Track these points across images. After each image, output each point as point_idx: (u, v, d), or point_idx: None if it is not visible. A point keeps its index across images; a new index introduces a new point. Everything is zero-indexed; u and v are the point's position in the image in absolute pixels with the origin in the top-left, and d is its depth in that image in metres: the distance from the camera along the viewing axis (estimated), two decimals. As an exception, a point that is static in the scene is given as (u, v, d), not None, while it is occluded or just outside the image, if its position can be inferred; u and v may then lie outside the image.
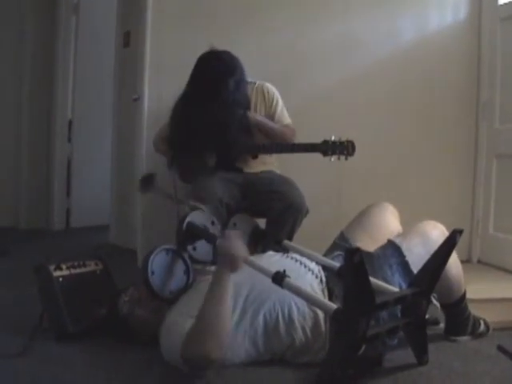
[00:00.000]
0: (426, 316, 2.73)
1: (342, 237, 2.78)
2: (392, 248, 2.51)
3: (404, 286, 2.40)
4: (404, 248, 2.48)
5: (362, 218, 2.83)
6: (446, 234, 2.49)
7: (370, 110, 4.17)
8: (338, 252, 2.65)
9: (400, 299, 2.18)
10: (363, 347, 2.00)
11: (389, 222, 2.79)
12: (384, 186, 4.03)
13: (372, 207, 2.86)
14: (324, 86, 4.14)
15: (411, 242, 2.51)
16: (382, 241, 2.62)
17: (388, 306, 2.13)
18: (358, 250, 1.87)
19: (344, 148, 3.04)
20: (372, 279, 2.07)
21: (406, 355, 2.38)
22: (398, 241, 2.53)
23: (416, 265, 2.40)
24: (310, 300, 2.17)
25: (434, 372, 2.31)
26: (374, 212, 2.83)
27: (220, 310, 2.13)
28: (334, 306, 2.02)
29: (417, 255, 2.45)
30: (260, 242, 2.91)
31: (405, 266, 2.44)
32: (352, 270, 1.89)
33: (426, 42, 4.28)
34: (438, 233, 2.54)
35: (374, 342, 2.13)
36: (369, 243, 2.62)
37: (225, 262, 2.25)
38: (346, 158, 3.06)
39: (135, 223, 4.13)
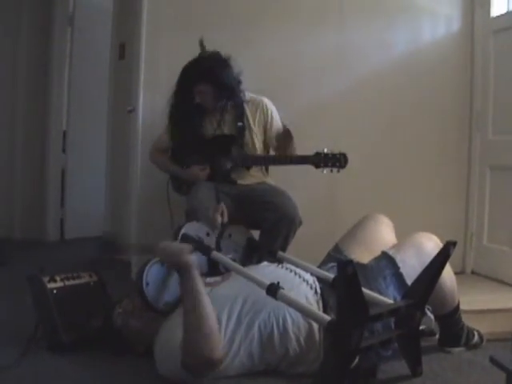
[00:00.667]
0: (422, 327, 2.75)
1: (337, 249, 2.79)
2: (386, 259, 2.52)
3: (398, 297, 2.40)
4: (398, 259, 2.49)
5: (356, 230, 2.84)
6: (440, 245, 2.51)
7: (364, 122, 4.17)
8: (333, 264, 2.65)
9: (394, 311, 2.18)
10: (357, 359, 2.01)
11: (384, 234, 2.80)
12: (378, 197, 4.03)
13: (367, 219, 2.87)
14: (319, 98, 4.15)
15: (405, 254, 2.52)
16: (377, 253, 2.64)
17: (382, 317, 2.15)
18: (350, 261, 1.88)
19: (336, 160, 3.05)
20: (366, 291, 2.08)
21: (400, 366, 2.39)
22: (391, 252, 2.54)
23: (410, 276, 2.41)
24: (304, 312, 2.18)
25: (428, 383, 2.31)
26: (368, 224, 2.84)
27: (201, 312, 2.15)
28: (327, 317, 2.02)
29: (411, 267, 2.46)
30: (255, 254, 2.91)
31: (399, 277, 2.46)
32: (345, 282, 1.90)
33: (419, 54, 4.29)
34: (432, 244, 2.55)
35: (367, 353, 2.13)
36: (364, 255, 2.63)
37: (173, 266, 2.29)
38: (338, 171, 3.07)
39: (129, 234, 4.12)
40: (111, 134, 5.10)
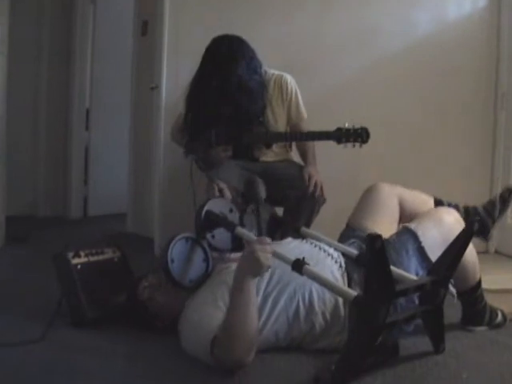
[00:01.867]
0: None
1: (349, 228, 2.79)
2: (407, 234, 2.50)
3: (420, 271, 2.40)
4: (420, 234, 2.47)
5: (363, 205, 2.82)
6: (460, 219, 2.54)
7: (388, 99, 4.14)
8: (353, 240, 2.65)
9: (419, 287, 2.17)
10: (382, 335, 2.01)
11: (388, 203, 2.78)
12: (401, 173, 4.01)
13: (370, 192, 2.84)
14: (341, 75, 4.12)
15: (426, 228, 2.50)
16: (388, 223, 2.68)
17: (407, 293, 2.14)
18: (379, 236, 1.86)
19: (358, 135, 3.02)
20: (390, 266, 2.06)
21: (422, 343, 2.37)
22: (413, 227, 2.52)
23: (432, 250, 2.40)
24: (331, 287, 2.16)
25: (451, 361, 2.30)
26: (373, 197, 2.81)
27: (247, 317, 2.10)
28: (354, 292, 2.01)
29: (432, 240, 2.45)
30: (278, 229, 2.90)
31: (421, 251, 2.44)
32: (373, 257, 1.88)
33: (443, 31, 4.24)
34: (452, 219, 2.54)
35: (391, 329, 2.13)
36: (375, 228, 2.62)
37: (250, 267, 2.17)
38: (361, 146, 3.04)
39: (152, 211, 4.13)
40: (134, 112, 5.10)
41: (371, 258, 1.90)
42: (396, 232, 2.59)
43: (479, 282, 2.59)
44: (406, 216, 2.76)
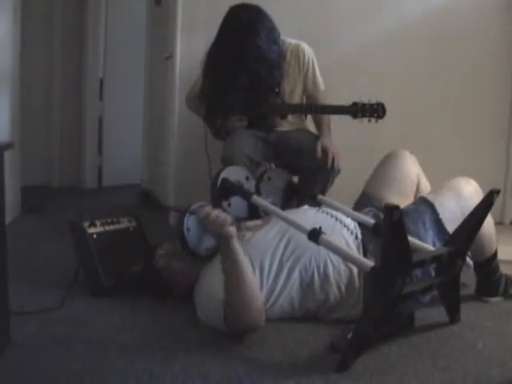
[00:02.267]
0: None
1: (366, 195, 2.79)
2: (425, 205, 2.50)
3: (438, 243, 2.39)
4: (437, 205, 2.46)
5: (381, 172, 2.82)
6: (479, 190, 2.51)
7: (404, 69, 4.10)
8: (369, 208, 2.64)
9: (436, 258, 2.16)
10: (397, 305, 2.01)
11: (410, 174, 2.78)
12: (417, 145, 3.95)
13: (389, 158, 2.83)
14: (357, 45, 4.08)
15: (444, 199, 2.49)
16: (406, 194, 2.67)
17: (424, 264, 2.14)
18: (397, 207, 1.85)
19: (374, 110, 3.01)
20: (408, 237, 2.05)
21: (438, 314, 2.39)
22: (430, 197, 2.51)
23: (449, 221, 2.40)
24: (347, 257, 2.17)
25: (466, 331, 2.32)
26: (392, 165, 2.80)
27: (240, 281, 2.11)
28: (370, 263, 2.01)
29: (450, 212, 2.44)
30: (294, 197, 2.90)
31: (438, 223, 2.44)
32: (391, 228, 1.88)
33: (460, 2, 4.19)
34: (471, 189, 2.52)
35: (408, 299, 2.13)
36: (393, 197, 2.61)
37: (218, 236, 2.22)
38: (377, 121, 3.03)
39: (167, 182, 4.13)
40: (148, 82, 5.08)
41: (388, 229, 1.89)
42: (413, 202, 2.58)
43: (495, 254, 2.58)
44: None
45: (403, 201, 2.60)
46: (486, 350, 2.16)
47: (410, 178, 2.74)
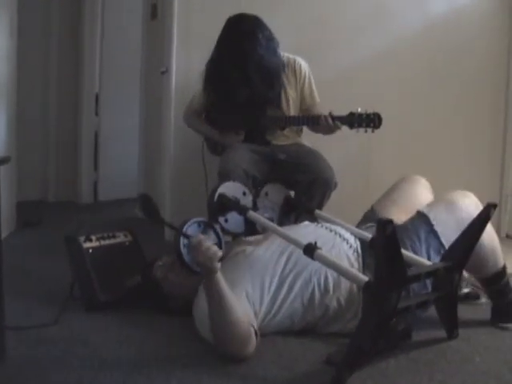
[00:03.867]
0: (467, 290, 2.71)
1: (373, 211, 2.78)
2: (420, 218, 2.49)
3: (433, 255, 2.38)
4: (432, 217, 2.45)
5: (393, 192, 2.82)
6: (477, 202, 2.48)
7: (400, 83, 4.12)
8: (370, 224, 2.63)
9: (432, 272, 2.16)
10: (393, 320, 2.01)
11: (420, 196, 2.76)
12: (413, 159, 4.00)
13: (403, 181, 2.84)
14: (356, 56, 4.11)
15: (439, 211, 2.47)
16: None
17: (420, 279, 2.12)
18: (390, 221, 1.85)
19: (370, 120, 3.02)
20: (402, 251, 2.05)
21: (435, 328, 2.38)
22: (425, 210, 2.50)
23: (445, 234, 2.39)
24: (341, 272, 2.16)
25: (463, 345, 2.31)
26: (405, 186, 2.81)
27: (222, 314, 2.09)
28: (365, 278, 2.00)
29: (445, 224, 2.42)
30: (292, 212, 2.90)
31: (434, 235, 2.42)
32: (384, 242, 1.87)
33: (457, 13, 4.22)
34: (467, 201, 2.49)
35: (404, 314, 2.12)
36: (401, 217, 2.59)
37: (202, 270, 2.16)
38: (373, 131, 3.04)
39: (164, 195, 4.14)
40: (144, 96, 5.10)
41: (382, 243, 1.89)
42: (410, 217, 2.58)
43: (504, 269, 2.49)
44: None
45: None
46: (483, 363, 2.15)
47: (421, 202, 2.69)
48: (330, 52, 4.01)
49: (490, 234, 2.41)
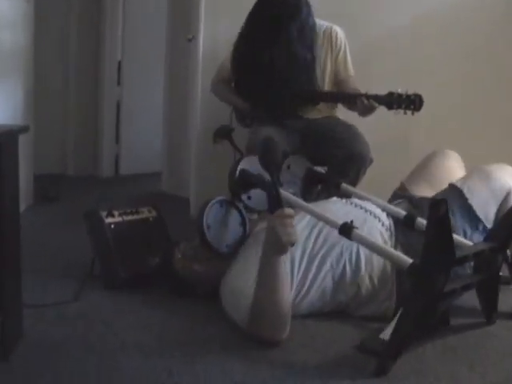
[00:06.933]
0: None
1: (403, 188, 2.77)
2: (453, 191, 2.49)
3: (468, 231, 2.39)
4: (466, 191, 2.45)
5: (423, 167, 2.82)
6: None
7: (440, 56, 4.06)
8: (399, 200, 2.64)
9: (478, 254, 2.14)
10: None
11: (452, 171, 2.77)
12: (452, 135, 3.95)
13: (434, 156, 2.83)
14: (389, 28, 4.05)
15: (473, 184, 2.48)
16: None
17: (467, 260, 2.11)
18: (444, 201, 1.84)
19: (411, 102, 2.97)
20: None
21: (472, 312, 2.39)
22: (458, 184, 2.50)
23: (480, 207, 2.40)
24: (382, 253, 2.14)
25: (504, 333, 2.29)
26: (436, 161, 2.80)
27: (275, 294, 2.09)
28: (408, 259, 1.97)
29: (480, 197, 2.43)
30: (315, 186, 2.88)
31: (468, 209, 2.42)
32: (436, 222, 1.86)
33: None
34: (502, 173, 2.49)
35: (449, 298, 2.11)
36: (431, 193, 2.60)
37: (273, 244, 2.11)
38: (413, 113, 2.99)
39: (189, 171, 4.14)
40: (170, 65, 5.04)
41: (433, 224, 1.87)
42: (442, 190, 2.56)
43: None
44: None
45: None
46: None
47: (452, 177, 2.68)
48: (360, 21, 3.95)
49: None
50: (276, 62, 3.13)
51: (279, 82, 3.18)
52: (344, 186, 2.75)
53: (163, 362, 1.98)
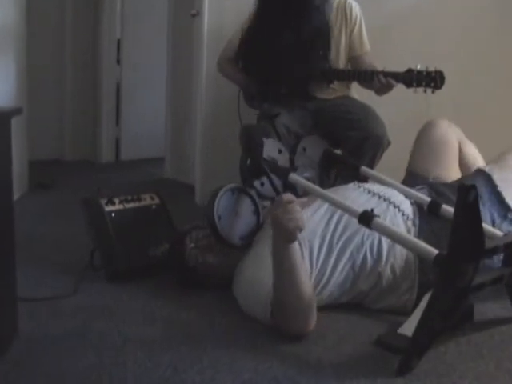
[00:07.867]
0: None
1: (412, 173, 2.79)
2: (482, 177, 2.47)
3: (497, 220, 2.37)
4: (495, 177, 2.44)
5: (419, 145, 2.84)
6: None
7: (461, 33, 4.02)
8: (420, 186, 2.60)
9: (509, 245, 2.09)
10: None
11: (448, 141, 2.79)
12: (472, 117, 3.92)
13: (426, 130, 2.85)
14: (404, 3, 4.01)
15: (503, 170, 2.48)
16: (449, 163, 2.70)
17: (497, 251, 2.07)
18: (473, 187, 1.80)
19: (431, 79, 2.94)
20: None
21: (498, 307, 2.36)
22: (487, 169, 2.50)
23: (510, 194, 2.38)
24: (405, 243, 2.09)
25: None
26: (429, 135, 2.82)
27: (293, 285, 2.06)
28: (434, 250, 1.94)
29: (510, 184, 2.42)
30: (333, 169, 2.85)
31: (497, 196, 2.41)
32: (465, 210, 1.82)
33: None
34: None
35: (478, 292, 2.08)
36: (437, 172, 2.65)
37: (279, 235, 2.08)
38: (433, 91, 2.96)
39: (193, 155, 4.12)
40: (172, 42, 5.04)
41: (462, 212, 1.83)
42: (469, 175, 2.53)
43: None
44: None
45: (448, 173, 2.64)
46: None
47: (450, 146, 2.74)
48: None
49: None
50: (295, 39, 3.12)
51: (297, 61, 3.17)
52: (364, 168, 2.73)
53: (168, 358, 1.95)
